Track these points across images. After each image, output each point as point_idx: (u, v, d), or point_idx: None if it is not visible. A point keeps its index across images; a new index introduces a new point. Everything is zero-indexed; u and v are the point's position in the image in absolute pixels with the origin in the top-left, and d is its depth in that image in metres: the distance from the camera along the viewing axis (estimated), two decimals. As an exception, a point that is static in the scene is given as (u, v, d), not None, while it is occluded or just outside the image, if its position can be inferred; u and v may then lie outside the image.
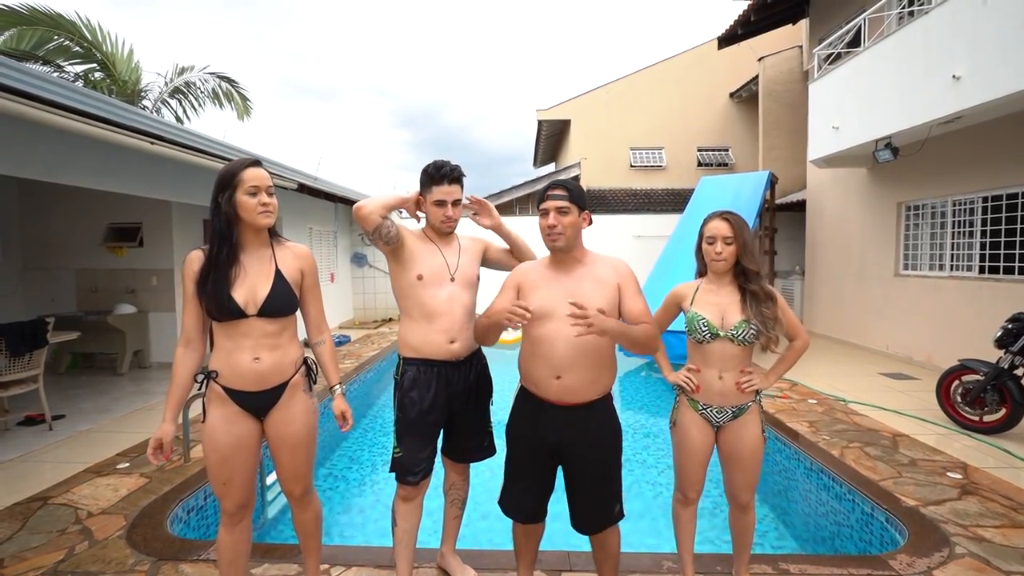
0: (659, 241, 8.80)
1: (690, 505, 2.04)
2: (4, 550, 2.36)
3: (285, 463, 1.76)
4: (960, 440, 3.79)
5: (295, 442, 1.74)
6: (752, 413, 1.94)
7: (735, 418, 1.94)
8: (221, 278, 1.60)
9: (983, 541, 2.42)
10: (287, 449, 1.74)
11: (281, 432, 1.71)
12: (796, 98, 10.70)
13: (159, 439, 1.62)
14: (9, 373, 3.77)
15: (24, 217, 6.35)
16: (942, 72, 4.82)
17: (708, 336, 1.89)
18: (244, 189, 1.61)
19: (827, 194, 8.39)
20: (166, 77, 9.61)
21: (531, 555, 1.99)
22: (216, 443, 1.65)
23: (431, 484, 2.07)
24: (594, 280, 1.74)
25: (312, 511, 1.89)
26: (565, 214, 1.70)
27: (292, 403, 1.72)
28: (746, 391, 1.89)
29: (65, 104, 3.20)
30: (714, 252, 1.89)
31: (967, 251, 5.87)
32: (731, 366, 1.89)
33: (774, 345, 1.87)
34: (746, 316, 1.86)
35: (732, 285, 1.93)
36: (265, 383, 1.66)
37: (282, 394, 1.70)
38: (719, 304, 1.91)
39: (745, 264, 1.88)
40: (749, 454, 1.92)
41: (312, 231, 8.88)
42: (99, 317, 5.73)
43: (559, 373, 1.69)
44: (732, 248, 1.87)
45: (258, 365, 1.63)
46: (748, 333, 1.85)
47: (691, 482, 2.00)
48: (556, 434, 1.73)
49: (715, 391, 1.92)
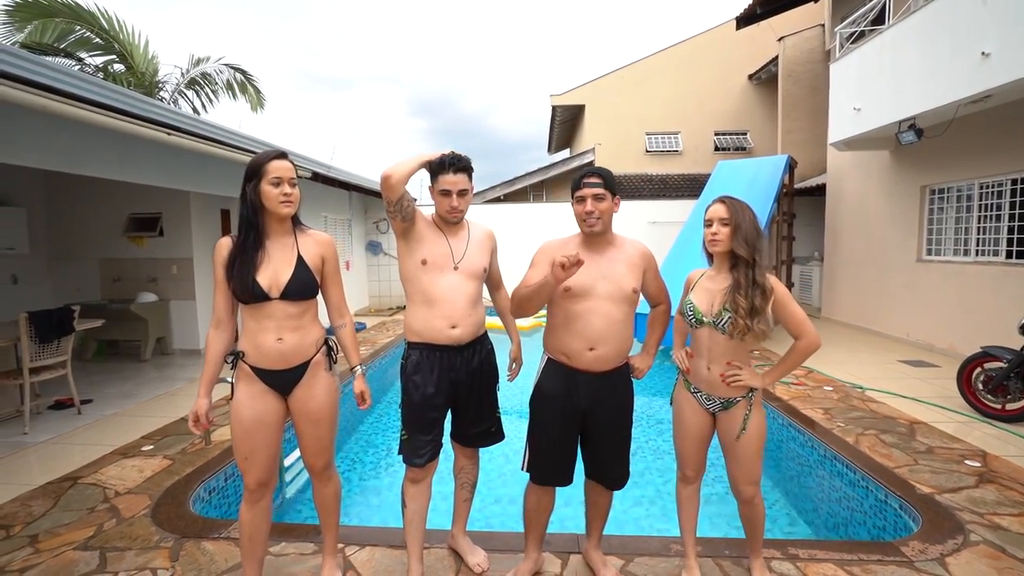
0: (674, 227, 8.69)
1: (689, 484, 2.05)
2: (39, 526, 2.48)
3: (308, 436, 1.86)
4: (980, 428, 3.72)
5: (317, 417, 1.84)
6: (740, 408, 1.88)
7: (724, 409, 1.91)
8: (247, 262, 1.69)
9: (999, 529, 2.39)
10: (309, 424, 1.83)
11: (304, 407, 1.82)
12: (817, 79, 10.40)
13: (195, 412, 1.75)
14: (39, 359, 3.92)
15: (50, 209, 6.53)
16: (971, 49, 4.64)
17: (693, 321, 1.90)
18: (268, 179, 1.70)
19: (848, 178, 8.18)
20: (183, 69, 9.73)
21: (541, 529, 2.08)
22: (240, 417, 1.75)
23: (442, 468, 2.12)
24: (627, 262, 1.89)
25: (332, 486, 1.99)
26: (601, 200, 1.83)
27: (314, 380, 1.82)
28: (731, 385, 1.85)
29: (86, 97, 3.27)
30: (710, 234, 1.88)
31: (994, 235, 5.69)
32: (718, 356, 1.86)
33: (752, 339, 1.80)
34: (724, 304, 1.82)
35: (729, 273, 1.88)
36: (288, 362, 1.76)
37: (304, 372, 1.80)
38: (712, 291, 1.89)
39: (735, 248, 1.81)
40: (740, 448, 1.89)
41: (327, 219, 8.98)
42: (122, 305, 5.89)
43: (593, 345, 1.84)
44: (727, 230, 1.83)
45: (281, 345, 1.73)
46: (725, 321, 1.81)
47: (685, 460, 2.01)
48: (587, 399, 1.88)
49: (703, 378, 1.92)
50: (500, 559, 2.21)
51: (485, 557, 2.19)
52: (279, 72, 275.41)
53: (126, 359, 6.15)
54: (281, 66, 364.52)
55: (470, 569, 2.15)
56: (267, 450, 1.79)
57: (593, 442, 1.96)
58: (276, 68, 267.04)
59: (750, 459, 1.90)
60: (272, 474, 1.85)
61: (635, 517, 3.05)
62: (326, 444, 1.90)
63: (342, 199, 9.61)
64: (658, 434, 4.33)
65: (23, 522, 2.51)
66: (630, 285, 1.85)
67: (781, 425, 3.88)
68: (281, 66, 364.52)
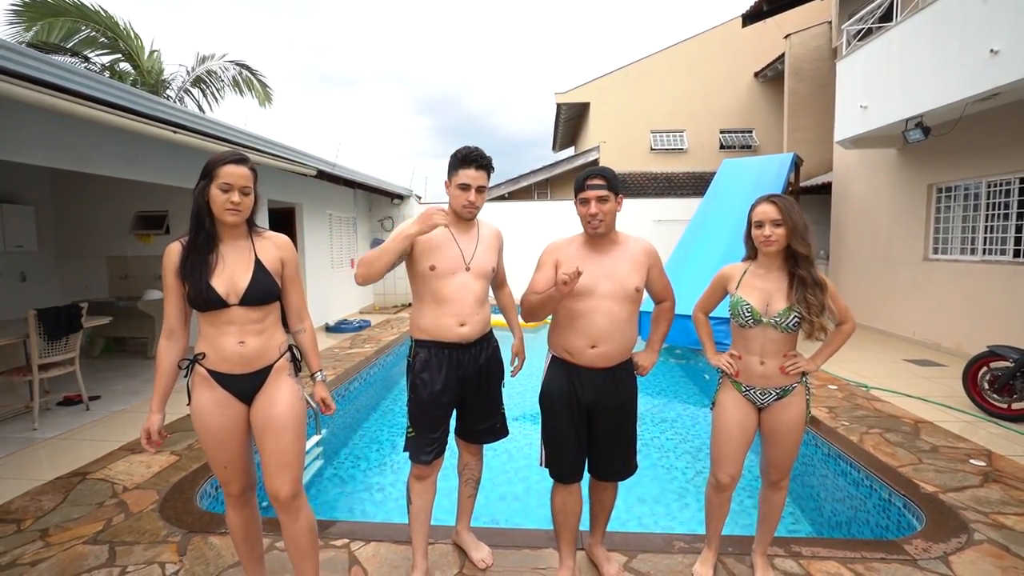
0: (679, 225, 8.69)
1: (723, 491, 2.02)
2: (49, 520, 2.51)
3: (270, 450, 1.65)
4: (986, 428, 3.70)
5: (280, 424, 1.66)
6: (798, 394, 1.92)
7: (779, 399, 1.92)
8: (200, 263, 1.60)
9: (1003, 528, 2.38)
10: (271, 433, 1.65)
11: (266, 414, 1.66)
12: (823, 77, 10.34)
13: (147, 429, 1.66)
14: (48, 356, 3.96)
15: (57, 207, 6.59)
16: (980, 46, 4.60)
17: (751, 321, 1.88)
18: (218, 183, 1.59)
19: (854, 176, 8.14)
20: (188, 67, 9.77)
21: (572, 532, 2.03)
22: (211, 426, 1.65)
23: (447, 464, 2.13)
24: (630, 260, 1.89)
25: (304, 521, 1.73)
26: (605, 202, 1.82)
27: (277, 386, 1.70)
28: (791, 374, 1.89)
29: (95, 96, 3.30)
30: (763, 236, 1.85)
31: (1001, 234, 5.65)
32: (772, 351, 1.88)
33: (819, 333, 1.84)
34: (790, 303, 1.83)
35: (781, 270, 1.89)
36: (250, 366, 1.66)
37: (267, 377, 1.70)
38: (765, 289, 1.88)
39: (795, 247, 1.83)
40: (789, 432, 1.91)
41: (332, 217, 9.01)
42: (130, 303, 5.94)
43: (595, 343, 1.86)
44: (781, 231, 1.82)
45: (243, 348, 1.64)
46: (791, 320, 1.82)
47: (728, 462, 1.96)
48: (591, 393, 1.90)
49: (757, 374, 1.91)
50: (504, 555, 2.23)
51: (489, 552, 2.21)
52: (286, 70, 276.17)
53: (133, 356, 6.20)
54: (288, 64, 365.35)
55: (474, 564, 2.17)
56: (245, 454, 1.74)
57: (597, 435, 1.97)
58: (283, 66, 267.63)
59: (794, 444, 1.95)
60: (254, 475, 1.79)
61: (638, 515, 3.05)
62: (291, 458, 1.67)
63: (347, 197, 9.64)
64: (661, 432, 4.33)
65: (33, 516, 2.54)
66: (633, 284, 1.86)
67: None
68: (288, 64, 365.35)
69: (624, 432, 1.99)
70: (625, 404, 1.96)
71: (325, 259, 8.67)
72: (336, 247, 9.19)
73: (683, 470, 3.62)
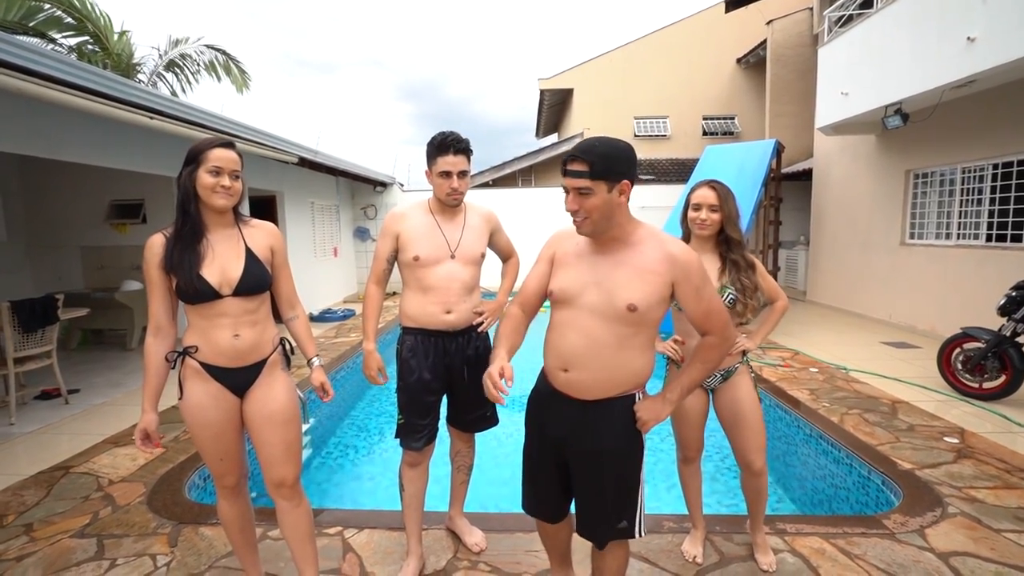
0: (663, 212, 8.73)
1: (691, 463, 2.13)
2: (33, 515, 2.46)
3: (273, 444, 1.66)
4: (959, 407, 3.84)
5: (283, 418, 1.67)
6: (741, 374, 1.98)
7: (724, 380, 1.99)
8: (187, 252, 1.55)
9: (975, 501, 2.49)
10: (272, 427, 1.65)
11: (265, 410, 1.65)
12: (805, 63, 10.43)
13: (143, 429, 1.60)
14: (23, 349, 3.85)
15: (27, 195, 6.36)
16: (957, 34, 4.68)
17: None
18: (206, 167, 1.55)
19: (834, 162, 8.27)
20: (160, 50, 9.44)
21: (559, 550, 1.80)
22: (207, 420, 1.62)
23: (439, 452, 2.14)
24: (634, 268, 1.39)
25: (305, 507, 1.78)
26: (587, 195, 1.33)
27: (272, 380, 1.68)
28: (732, 353, 1.93)
29: (64, 79, 3.17)
30: (699, 219, 1.92)
31: (975, 219, 5.82)
32: None
33: (751, 313, 1.90)
34: (723, 283, 1.90)
35: (713, 253, 1.96)
36: (244, 359, 1.63)
37: (260, 372, 1.67)
38: None
39: (729, 232, 1.92)
40: (748, 412, 1.96)
41: (314, 205, 8.86)
42: (107, 294, 5.78)
43: (566, 366, 1.44)
44: (717, 216, 1.91)
45: (238, 342, 1.60)
46: (727, 299, 1.87)
47: (688, 443, 2.08)
48: (557, 429, 1.50)
49: None
50: (497, 539, 2.25)
51: (482, 537, 2.23)
52: (261, 55, 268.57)
53: (111, 348, 6.06)
54: (263, 48, 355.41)
55: (468, 549, 2.20)
56: (240, 446, 1.73)
57: (573, 483, 1.55)
58: (258, 51, 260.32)
59: (758, 422, 1.97)
60: (247, 466, 1.80)
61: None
62: (295, 449, 1.71)
63: (329, 185, 9.49)
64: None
65: (16, 512, 2.49)
66: (626, 300, 1.36)
67: (768, 406, 3.97)
68: (263, 48, 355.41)
69: (601, 487, 1.47)
70: (605, 453, 1.46)
71: (308, 248, 8.54)
72: (319, 235, 9.05)
73: (667, 451, 3.68)
